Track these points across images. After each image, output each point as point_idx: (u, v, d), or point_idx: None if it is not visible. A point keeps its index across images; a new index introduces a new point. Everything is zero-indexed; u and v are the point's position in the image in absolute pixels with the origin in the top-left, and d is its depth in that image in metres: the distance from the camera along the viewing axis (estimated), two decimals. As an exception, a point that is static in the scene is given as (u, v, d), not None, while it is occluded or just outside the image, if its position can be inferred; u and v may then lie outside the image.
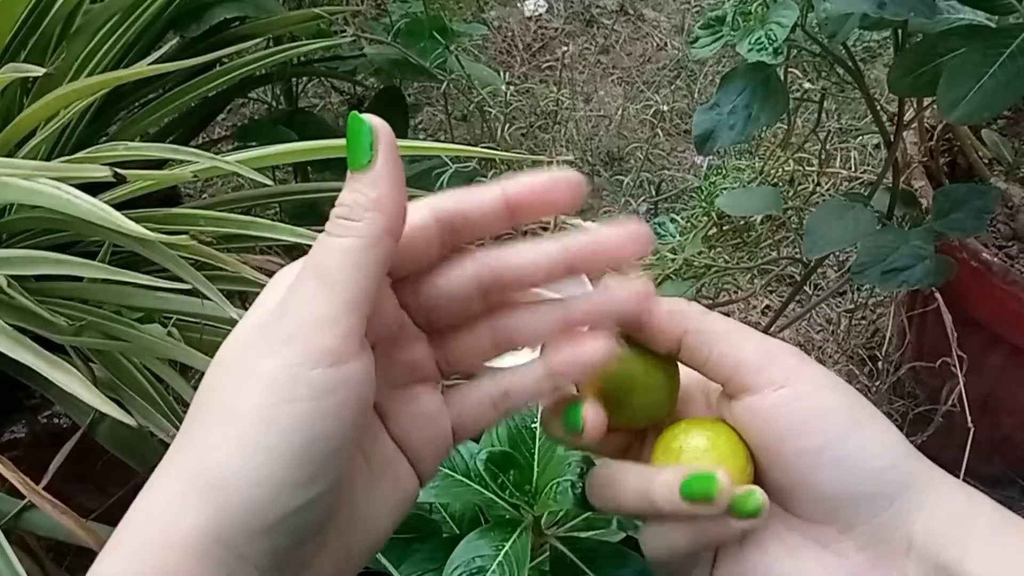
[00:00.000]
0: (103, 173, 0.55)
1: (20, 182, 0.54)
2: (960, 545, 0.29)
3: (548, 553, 0.54)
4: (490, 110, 1.10)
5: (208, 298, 0.56)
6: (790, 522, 0.31)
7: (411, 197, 0.30)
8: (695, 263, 0.90)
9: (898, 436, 0.30)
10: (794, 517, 0.31)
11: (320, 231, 0.29)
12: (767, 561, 0.31)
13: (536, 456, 0.53)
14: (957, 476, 0.31)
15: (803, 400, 0.30)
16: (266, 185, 0.63)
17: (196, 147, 1.12)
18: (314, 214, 1.03)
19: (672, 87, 1.67)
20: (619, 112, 1.60)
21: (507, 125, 1.12)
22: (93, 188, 0.58)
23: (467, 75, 1.06)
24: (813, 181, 0.97)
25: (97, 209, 0.51)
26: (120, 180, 0.56)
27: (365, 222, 0.27)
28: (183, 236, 0.52)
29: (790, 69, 0.85)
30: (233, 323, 0.30)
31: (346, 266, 0.27)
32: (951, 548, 0.29)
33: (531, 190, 0.30)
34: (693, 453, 0.31)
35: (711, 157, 1.35)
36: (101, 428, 0.66)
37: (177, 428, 0.64)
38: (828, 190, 1.02)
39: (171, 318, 0.66)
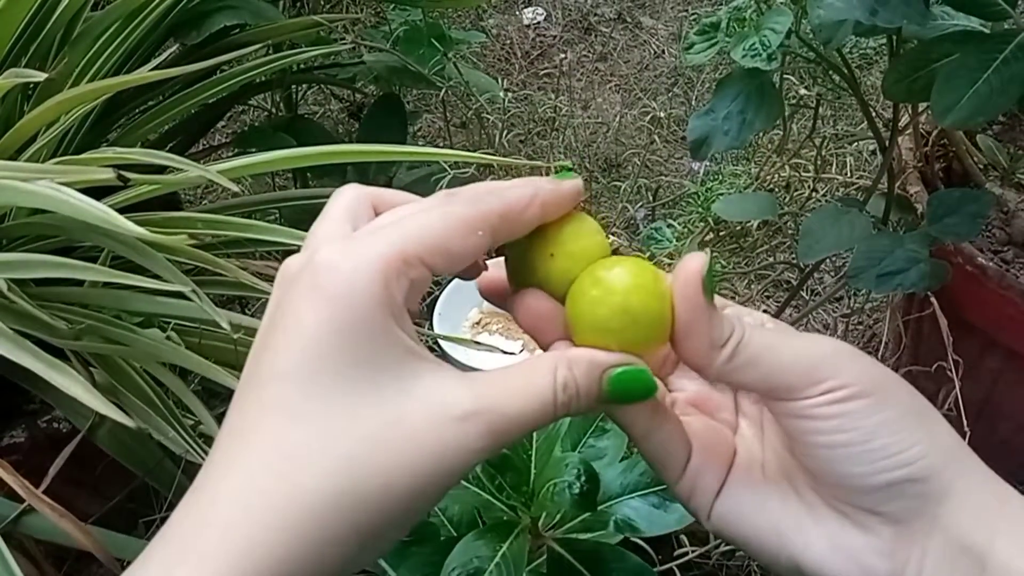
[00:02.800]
0: (107, 175, 0.55)
1: (20, 184, 0.54)
2: (988, 531, 0.29)
3: (546, 555, 0.54)
4: (488, 117, 1.11)
5: (197, 302, 0.56)
6: (816, 488, 0.31)
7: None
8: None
9: (931, 428, 0.30)
10: (821, 490, 0.31)
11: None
12: (784, 507, 0.31)
13: (533, 458, 0.54)
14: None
15: (830, 406, 0.29)
16: (236, 194, 0.64)
17: (196, 153, 1.13)
18: (313, 219, 1.03)
19: (669, 94, 1.68)
20: (617, 119, 1.60)
21: (505, 132, 1.12)
22: (93, 195, 0.59)
23: (466, 82, 1.07)
24: (809, 186, 0.98)
25: (97, 211, 0.51)
26: (124, 182, 0.56)
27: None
28: (180, 237, 0.52)
29: (786, 75, 0.85)
30: (240, 333, 0.29)
31: None
32: (978, 533, 0.29)
33: (558, 202, 0.30)
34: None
35: (708, 163, 1.36)
36: (100, 432, 0.67)
37: (176, 431, 0.65)
38: (824, 195, 1.02)
39: (170, 322, 0.67)
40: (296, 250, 0.30)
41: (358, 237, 0.28)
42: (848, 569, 0.30)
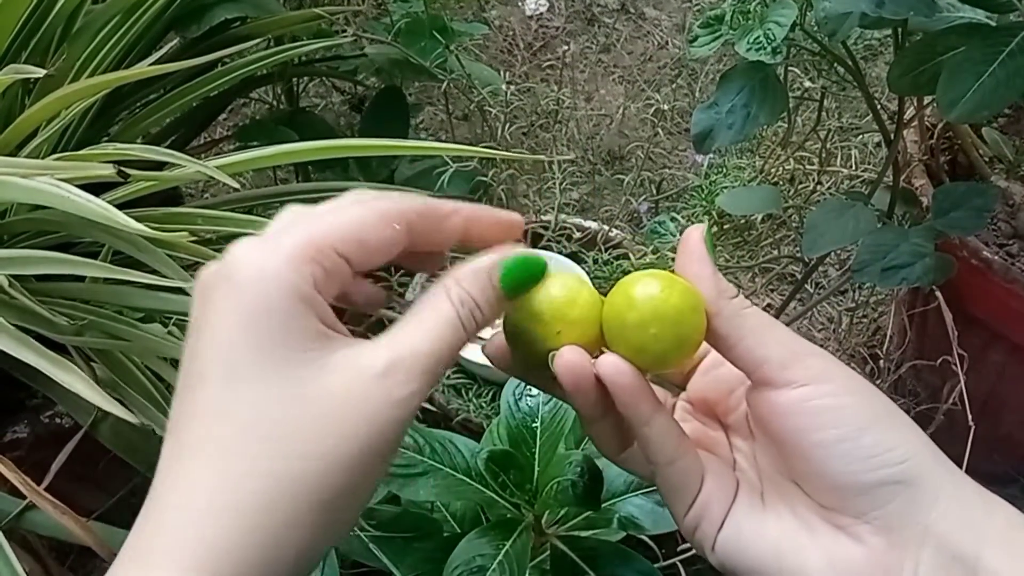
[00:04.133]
0: (107, 171, 0.55)
1: (21, 181, 0.54)
2: (977, 539, 0.29)
3: (549, 552, 0.54)
4: (491, 109, 1.10)
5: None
6: (811, 504, 0.32)
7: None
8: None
9: (917, 434, 0.32)
10: (815, 502, 0.32)
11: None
12: (781, 529, 0.32)
13: (537, 456, 0.53)
14: (958, 474, 0.32)
15: (823, 398, 0.31)
16: (237, 188, 0.64)
17: (197, 147, 1.13)
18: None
19: (673, 86, 1.67)
20: (620, 111, 1.60)
21: (508, 124, 1.11)
22: (93, 190, 0.58)
23: (468, 74, 1.06)
24: (813, 179, 0.97)
25: (97, 207, 0.51)
26: (124, 178, 0.56)
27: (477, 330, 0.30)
28: (181, 234, 0.52)
29: (790, 68, 0.85)
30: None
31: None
32: (968, 541, 0.29)
33: (486, 220, 0.33)
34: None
35: (712, 156, 1.35)
36: (103, 428, 0.67)
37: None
38: (829, 188, 1.02)
39: (172, 318, 0.67)
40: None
41: (272, 234, 0.29)
42: None
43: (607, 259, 0.99)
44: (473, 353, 0.94)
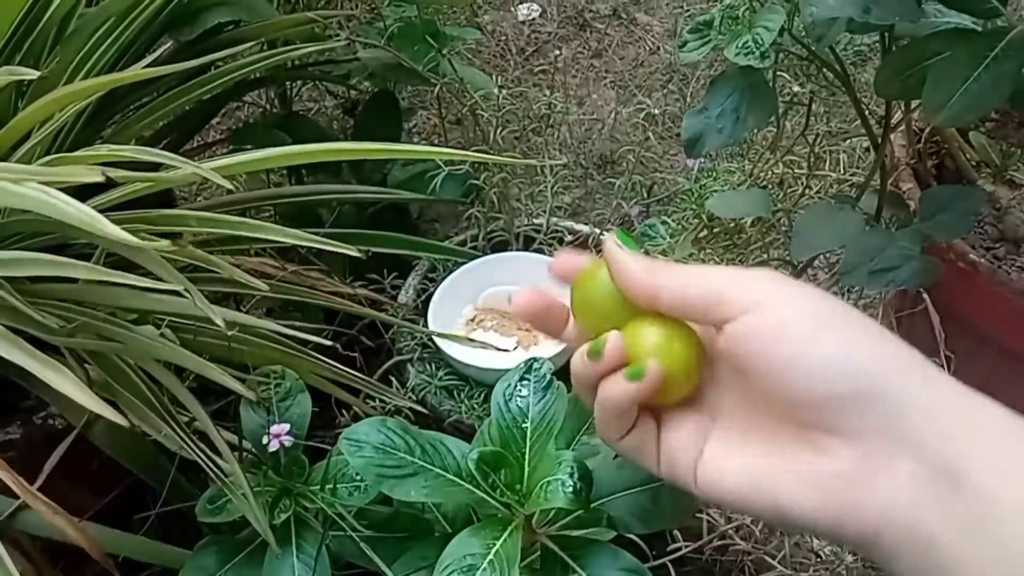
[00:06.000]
0: (94, 176, 0.55)
1: (9, 186, 0.54)
2: (960, 448, 0.29)
3: (539, 551, 0.55)
4: (483, 114, 1.11)
5: (191, 299, 0.56)
6: (788, 427, 0.32)
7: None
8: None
9: (877, 343, 0.31)
10: (791, 423, 0.32)
11: (314, 233, 0.29)
12: (755, 456, 0.33)
13: (527, 455, 0.54)
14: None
15: (769, 317, 0.31)
16: (231, 191, 0.64)
17: (191, 150, 1.13)
18: (308, 216, 1.03)
19: (664, 91, 1.68)
20: (611, 115, 1.60)
21: (500, 128, 1.12)
22: (87, 191, 0.58)
23: (460, 79, 1.07)
24: (802, 183, 0.98)
25: (83, 214, 0.51)
26: (110, 182, 0.56)
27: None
28: (166, 242, 0.52)
29: (779, 73, 0.85)
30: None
31: None
32: (950, 451, 0.29)
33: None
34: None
35: (702, 160, 1.36)
36: (96, 429, 0.67)
37: (172, 428, 0.65)
38: (817, 192, 1.02)
39: (164, 319, 0.67)
40: (289, 247, 0.31)
41: None
42: (818, 499, 0.30)
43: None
44: (464, 353, 0.94)
